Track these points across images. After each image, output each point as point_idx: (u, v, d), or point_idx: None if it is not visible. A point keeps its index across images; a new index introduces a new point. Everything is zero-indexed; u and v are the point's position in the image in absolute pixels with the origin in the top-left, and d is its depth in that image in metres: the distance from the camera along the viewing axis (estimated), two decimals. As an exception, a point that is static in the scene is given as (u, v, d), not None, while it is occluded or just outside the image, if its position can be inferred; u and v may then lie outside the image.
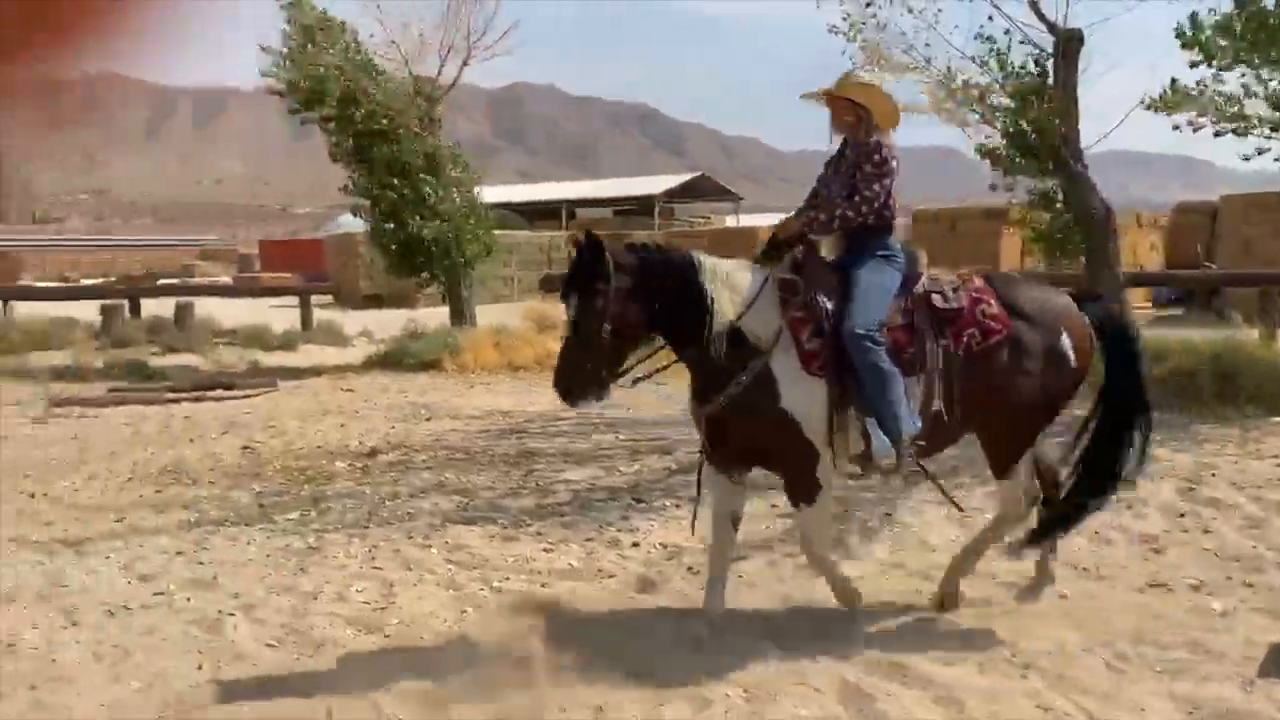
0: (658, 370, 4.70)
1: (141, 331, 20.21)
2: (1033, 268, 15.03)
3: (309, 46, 15.99)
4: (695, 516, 4.83)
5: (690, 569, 5.62)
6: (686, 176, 58.13)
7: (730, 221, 53.09)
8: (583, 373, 4.33)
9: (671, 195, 55.21)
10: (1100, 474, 4.79)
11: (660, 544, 6.12)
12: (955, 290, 4.57)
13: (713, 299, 4.33)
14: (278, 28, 16.05)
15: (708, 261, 4.46)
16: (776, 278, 4.46)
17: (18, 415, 12.44)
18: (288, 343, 19.04)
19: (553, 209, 55.64)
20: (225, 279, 44.02)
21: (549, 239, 38.64)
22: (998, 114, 10.96)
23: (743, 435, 4.47)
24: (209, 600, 5.33)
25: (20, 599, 5.41)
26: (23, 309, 24.85)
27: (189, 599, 5.35)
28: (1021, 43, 10.74)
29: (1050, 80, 10.67)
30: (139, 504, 7.46)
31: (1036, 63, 10.82)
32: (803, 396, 4.36)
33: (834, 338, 4.34)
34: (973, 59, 10.87)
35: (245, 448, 9.55)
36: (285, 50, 16.16)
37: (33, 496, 7.80)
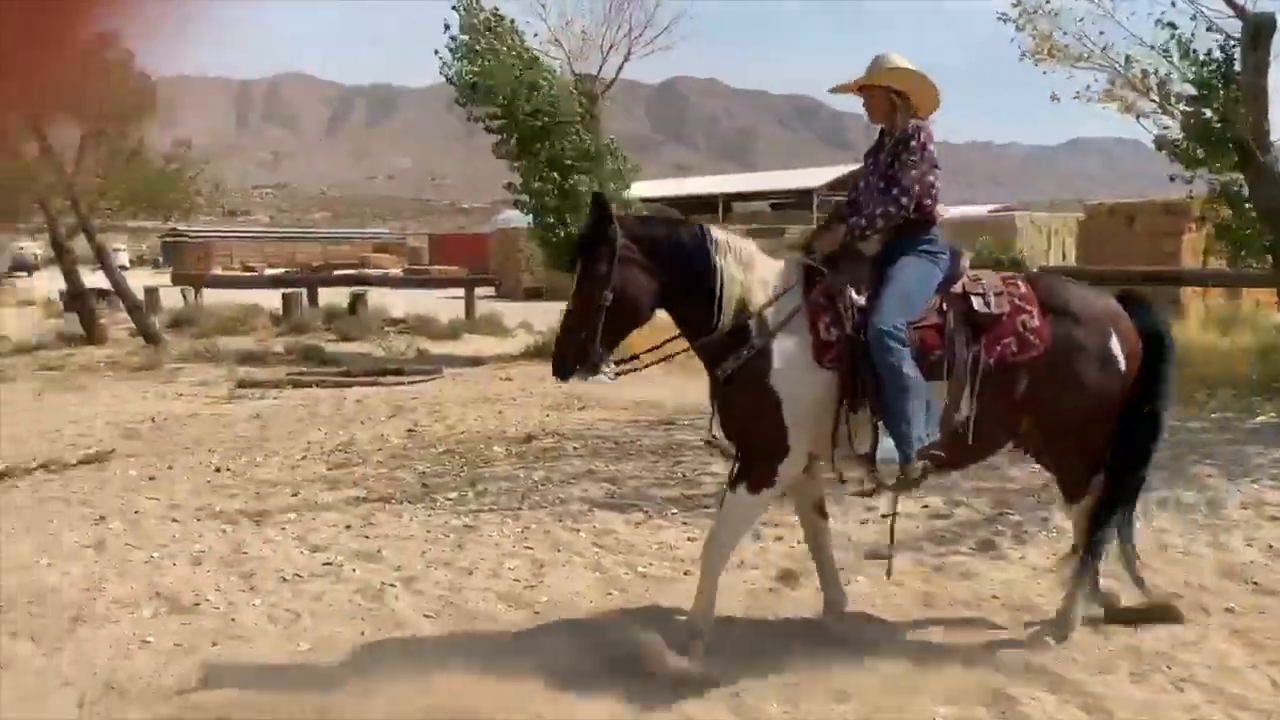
0: (664, 358, 4.56)
1: (319, 319, 21.41)
2: (1213, 266, 14.18)
3: (478, 45, 16.55)
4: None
5: (834, 564, 5.61)
6: (847, 169, 57.24)
7: (891, 216, 51.99)
8: (575, 344, 4.14)
9: (831, 188, 54.46)
10: (1121, 485, 4.46)
11: (800, 541, 6.11)
12: (998, 295, 4.30)
13: (725, 280, 4.16)
14: (449, 26, 16.67)
15: (728, 240, 4.29)
16: (804, 265, 4.30)
17: (206, 395, 13.41)
18: (453, 332, 19.80)
19: (708, 203, 55.78)
20: (397, 271, 46.05)
21: (705, 233, 38.61)
22: (1178, 104, 10.42)
23: (730, 411, 4.31)
24: (373, 571, 5.66)
25: (206, 563, 5.87)
26: (212, 296, 26.65)
27: (355, 570, 5.69)
28: (1208, 29, 10.17)
29: (1237, 68, 10.06)
30: (313, 480, 7.95)
31: (1222, 49, 10.22)
32: (798, 383, 4.14)
33: (856, 333, 4.12)
34: (1152, 47, 10.37)
35: (410, 430, 10.03)
36: (456, 48, 16.78)
37: (218, 470, 8.41)
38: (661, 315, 4.36)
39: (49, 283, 28.81)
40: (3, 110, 1.37)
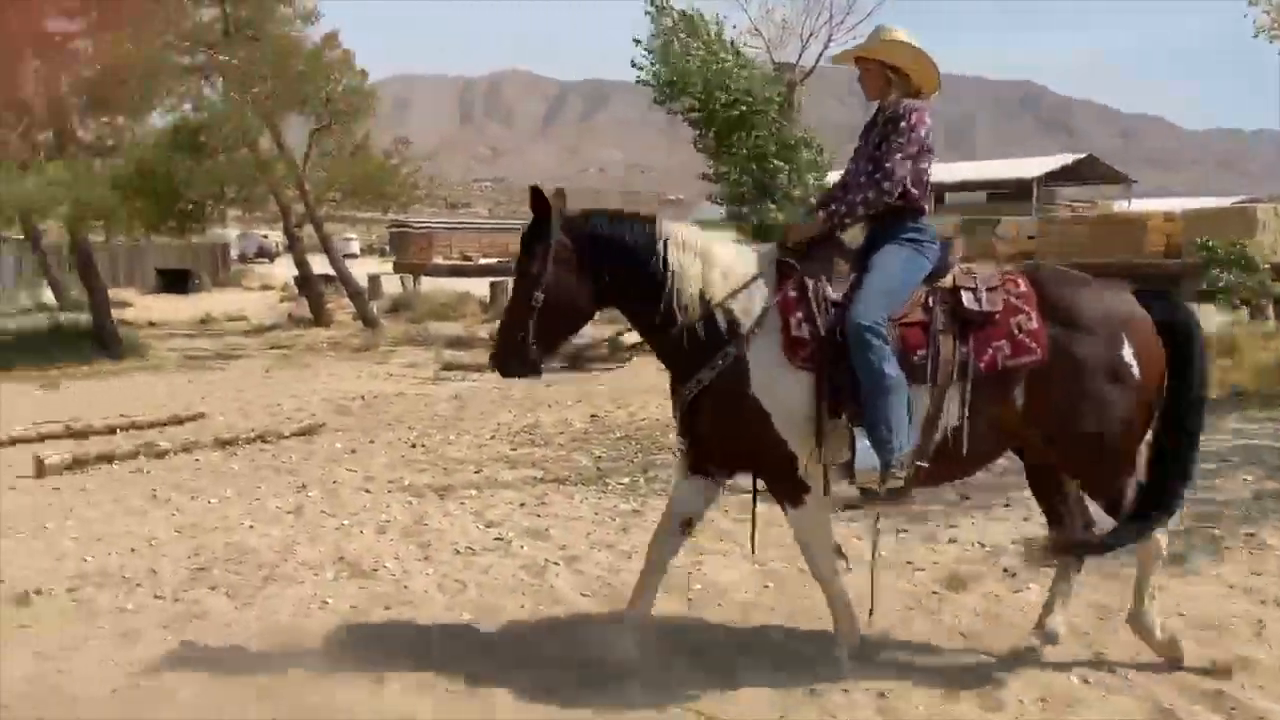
0: (622, 360, 4.42)
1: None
2: None
3: (674, 42, 16.70)
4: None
5: (1006, 570, 5.36)
6: (1070, 158, 54.09)
7: (1119, 206, 48.81)
8: (511, 343, 3.96)
9: (1052, 178, 51.71)
10: (1155, 498, 4.00)
11: (979, 542, 5.87)
12: (991, 291, 3.92)
13: (677, 274, 3.88)
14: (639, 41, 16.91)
15: (681, 233, 4.00)
16: (776, 259, 3.98)
17: (413, 376, 14.19)
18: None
19: (919, 194, 54.02)
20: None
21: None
22: None
23: (712, 427, 3.97)
24: (540, 549, 5.84)
25: (389, 532, 6.23)
26: (429, 283, 28.16)
27: (523, 546, 5.90)
28: None
29: None
30: (496, 459, 8.29)
31: None
32: (778, 387, 3.84)
33: (833, 329, 3.80)
34: None
35: (593, 416, 10.28)
36: (651, 45, 17.01)
37: (413, 446, 8.90)
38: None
39: (286, 269, 31.16)
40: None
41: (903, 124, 3.97)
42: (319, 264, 22.91)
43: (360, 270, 31.78)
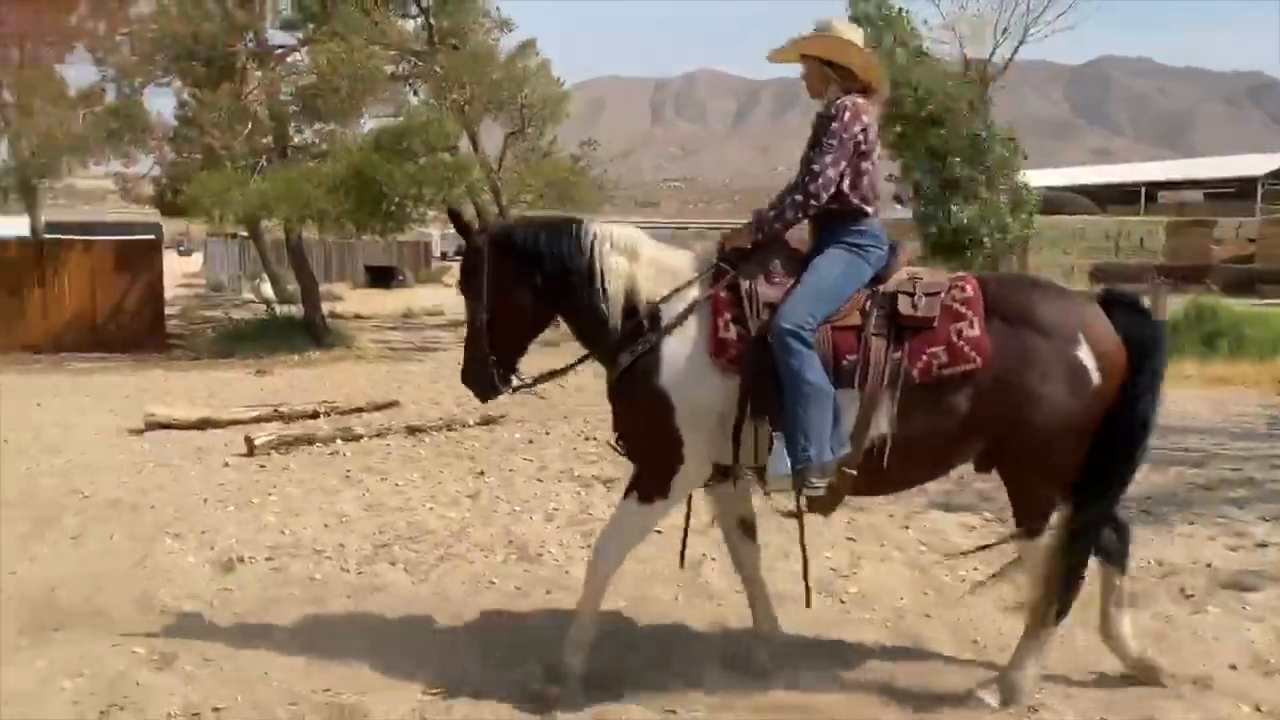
0: (564, 370, 4.29)
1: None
2: None
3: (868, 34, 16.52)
4: (684, 543, 4.44)
5: (1182, 590, 5.10)
6: (1302, 154, 49.94)
7: (1358, 207, 44.66)
8: (472, 364, 4.04)
9: (1277, 176, 47.86)
10: (1089, 511, 3.80)
11: (1155, 560, 5.60)
12: (930, 296, 3.73)
13: (606, 275, 3.86)
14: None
15: (609, 233, 3.95)
16: (712, 259, 3.91)
17: (595, 370, 14.59)
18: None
19: (1130, 192, 51.10)
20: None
21: (1119, 225, 35.51)
22: None
23: (618, 411, 3.98)
24: (698, 544, 5.94)
25: (556, 520, 6.51)
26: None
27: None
28: None
29: None
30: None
31: None
32: (692, 383, 3.77)
33: (763, 332, 3.69)
34: None
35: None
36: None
37: (586, 439, 9.19)
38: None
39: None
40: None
41: (834, 124, 3.83)
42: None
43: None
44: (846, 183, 3.85)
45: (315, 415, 10.23)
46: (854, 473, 3.75)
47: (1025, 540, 3.88)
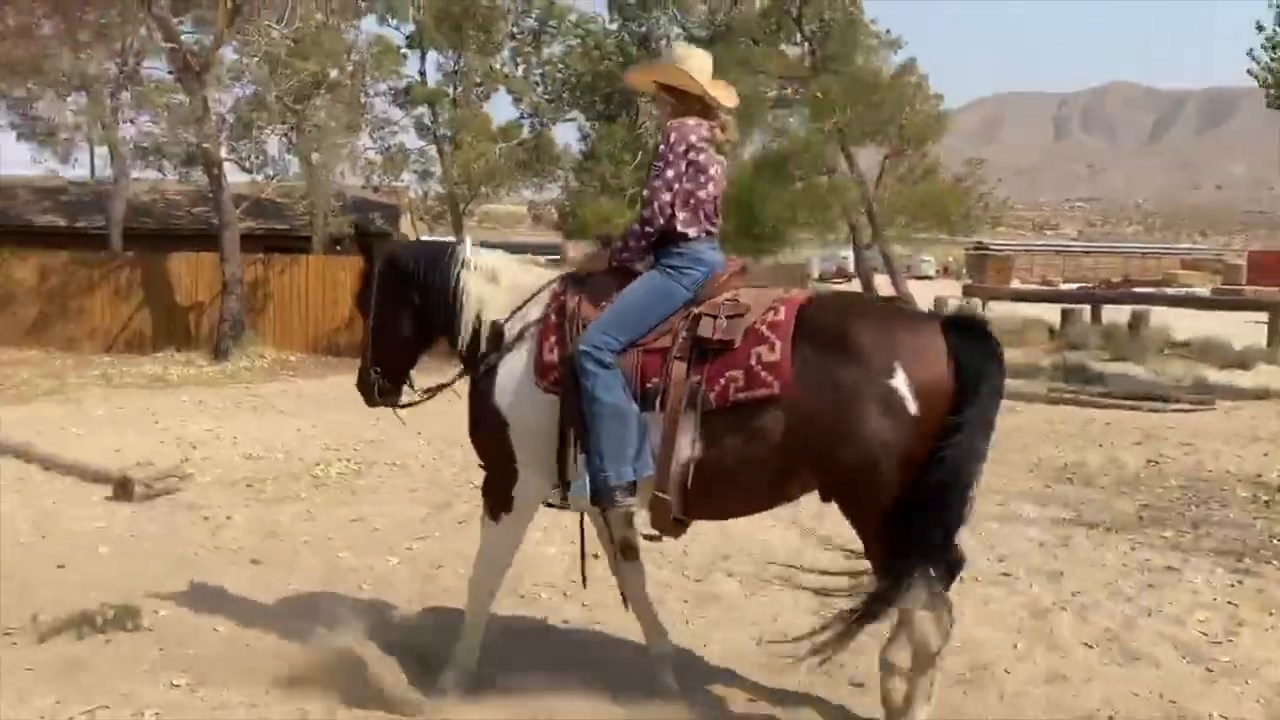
0: (446, 385, 4.34)
1: (1096, 336, 20.79)
2: None
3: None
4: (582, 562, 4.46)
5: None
6: None
7: None
8: (361, 373, 4.33)
9: None
10: (914, 542, 3.53)
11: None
12: (734, 318, 3.67)
13: (465, 296, 4.08)
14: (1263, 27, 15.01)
15: (476, 256, 4.17)
16: (563, 282, 4.04)
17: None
18: (1242, 361, 17.71)
19: None
20: (1202, 290, 42.21)
21: None
22: None
23: (469, 426, 4.13)
24: (1048, 591, 5.61)
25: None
26: (1000, 308, 27.42)
27: (1031, 585, 5.71)
28: None
29: None
30: (1025, 494, 8.00)
31: None
32: (521, 404, 3.92)
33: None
34: None
35: (1151, 461, 9.41)
36: (1273, 45, 15.02)
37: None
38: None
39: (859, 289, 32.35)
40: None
41: (662, 147, 3.91)
42: (889, 286, 23.53)
43: (930, 292, 31.97)
44: (676, 204, 3.88)
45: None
46: (667, 496, 3.68)
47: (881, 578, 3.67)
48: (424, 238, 37.30)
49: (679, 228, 3.92)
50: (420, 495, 7.85)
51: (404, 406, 4.44)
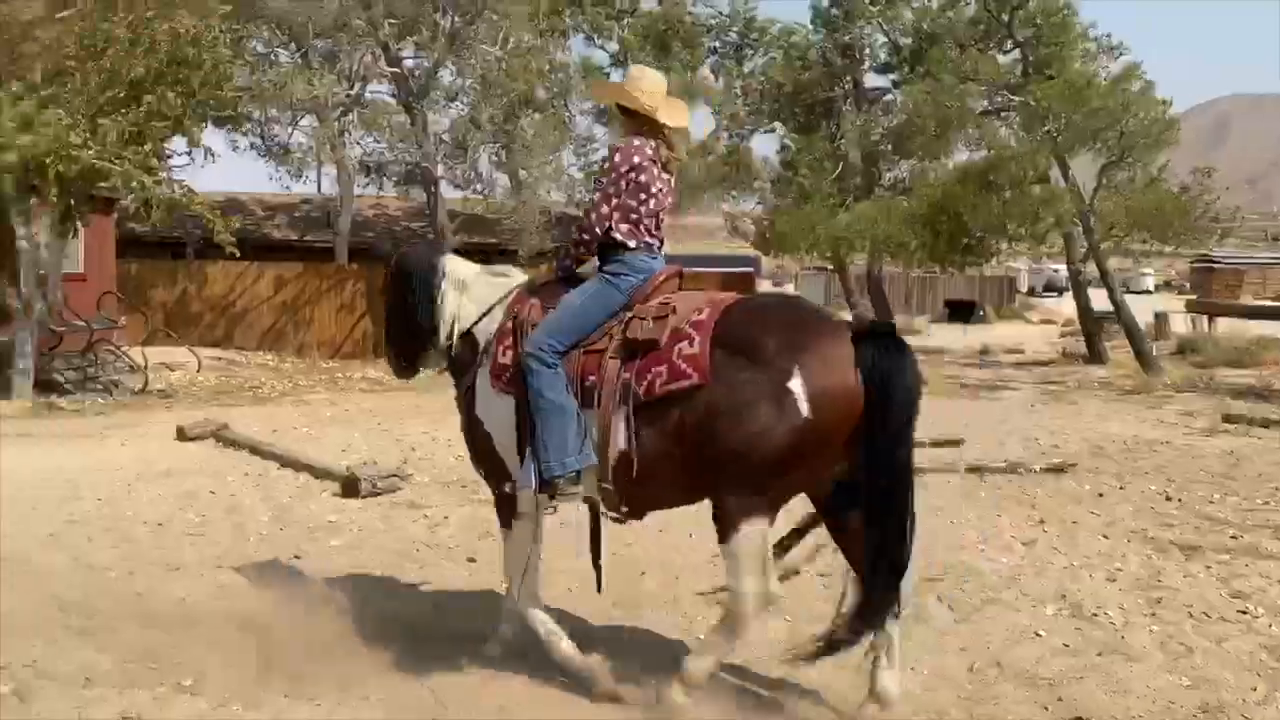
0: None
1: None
2: None
3: None
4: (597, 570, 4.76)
5: None
6: None
7: None
8: (386, 353, 5.07)
9: None
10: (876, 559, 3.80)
11: None
12: (659, 319, 4.01)
13: (443, 302, 4.52)
14: None
15: (454, 266, 4.62)
16: (514, 292, 4.44)
17: (1185, 425, 13.15)
18: None
19: None
20: None
21: None
22: None
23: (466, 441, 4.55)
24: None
25: (1119, 581, 6.05)
26: (1227, 324, 25.50)
27: (1271, 625, 5.30)
28: None
29: None
30: (1263, 526, 7.42)
31: None
32: (491, 410, 4.30)
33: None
34: None
35: None
36: None
37: (1168, 499, 8.36)
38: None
39: (1072, 304, 30.82)
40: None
41: (608, 164, 4.26)
42: (1104, 300, 22.28)
43: (1150, 307, 30.07)
44: (616, 218, 4.20)
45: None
46: (610, 486, 4.03)
47: (721, 544, 3.92)
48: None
49: (619, 239, 4.24)
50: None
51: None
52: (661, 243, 4.40)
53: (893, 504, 3.81)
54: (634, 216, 4.26)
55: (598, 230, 4.24)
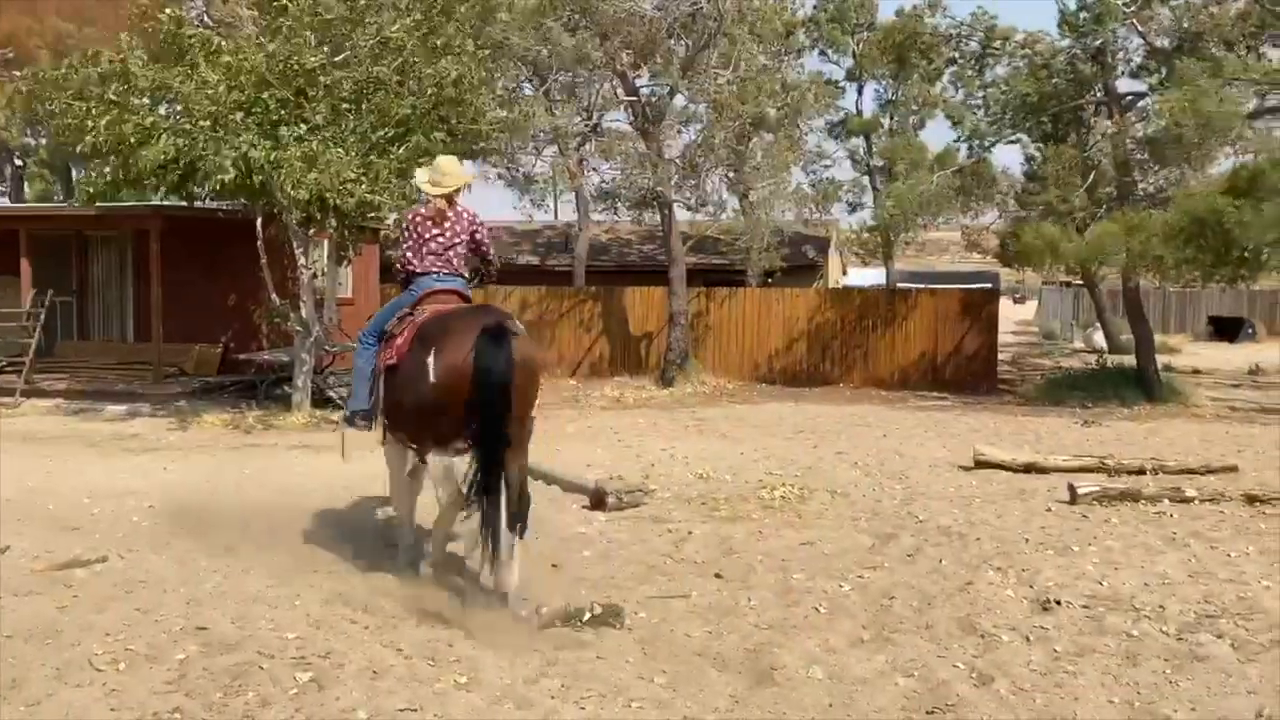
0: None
1: None
2: None
3: None
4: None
5: None
6: None
7: None
8: None
9: None
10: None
11: None
12: (402, 319, 6.13)
13: None
14: None
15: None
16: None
17: None
18: None
19: None
20: None
21: None
22: None
23: None
24: None
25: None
26: None
27: None
28: None
29: None
30: None
31: None
32: None
33: None
34: None
35: None
36: None
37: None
38: None
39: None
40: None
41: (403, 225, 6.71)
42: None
43: None
44: (409, 256, 6.32)
45: (1142, 471, 9.90)
46: (385, 420, 6.23)
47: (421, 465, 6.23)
48: (851, 269, 37.57)
49: (410, 268, 6.33)
50: (864, 525, 7.93)
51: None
52: (454, 268, 6.32)
53: (487, 439, 5.46)
54: (424, 251, 6.28)
55: (401, 265, 6.43)
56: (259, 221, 14.06)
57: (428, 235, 6.26)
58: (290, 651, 5.07)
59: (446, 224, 6.26)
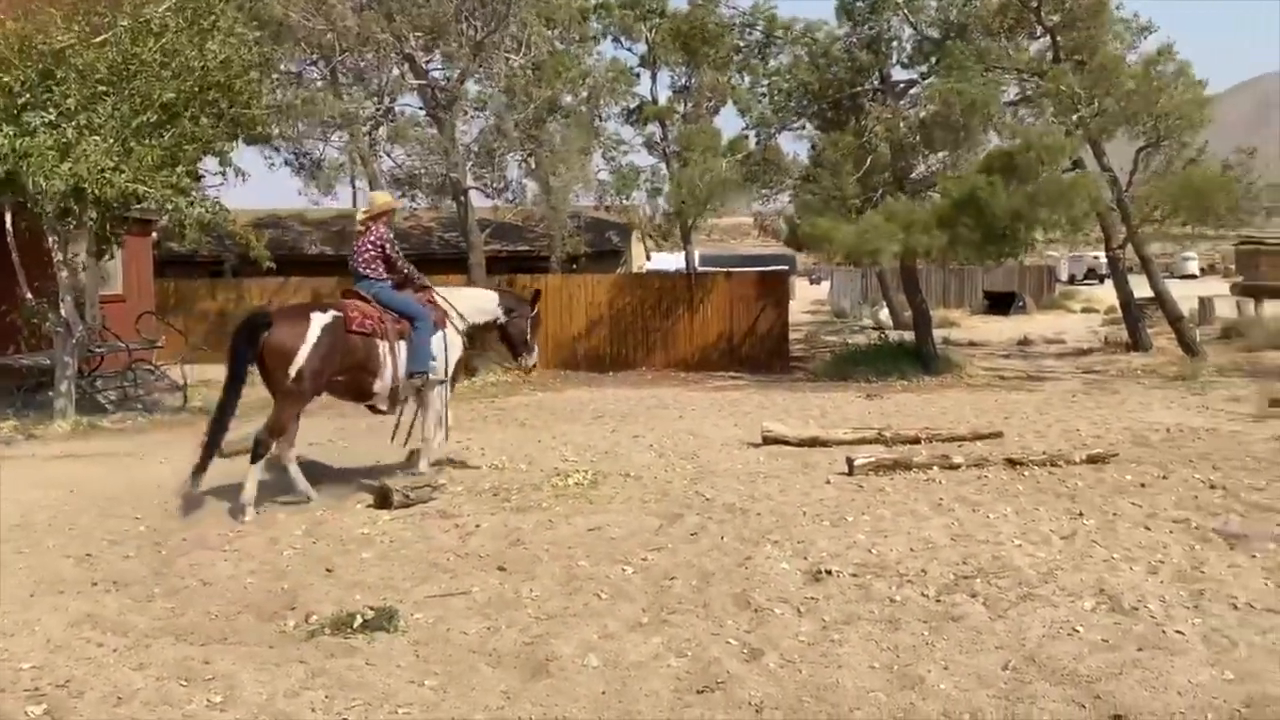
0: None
1: None
2: None
3: None
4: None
5: None
6: None
7: None
8: None
9: None
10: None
11: None
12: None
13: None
14: None
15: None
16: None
17: (1230, 412, 12.85)
18: None
19: None
20: None
21: None
22: None
23: None
24: None
25: (1160, 574, 5.91)
26: (1275, 308, 24.95)
27: (1321, 617, 5.14)
28: None
29: None
30: (1312, 513, 7.23)
31: None
32: None
33: None
34: None
35: None
36: None
37: (1212, 488, 8.18)
38: None
39: (1112, 292, 30.33)
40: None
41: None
42: (1144, 285, 21.89)
43: (1196, 292, 29.51)
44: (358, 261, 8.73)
45: (916, 441, 10.42)
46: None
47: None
48: (654, 254, 38.03)
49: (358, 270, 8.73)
50: (652, 507, 7.98)
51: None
52: (370, 274, 8.64)
53: (228, 385, 7.91)
54: (360, 259, 8.71)
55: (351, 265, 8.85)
56: (8, 214, 12.89)
57: (355, 247, 8.87)
58: (24, 683, 4.64)
59: (363, 240, 8.76)
